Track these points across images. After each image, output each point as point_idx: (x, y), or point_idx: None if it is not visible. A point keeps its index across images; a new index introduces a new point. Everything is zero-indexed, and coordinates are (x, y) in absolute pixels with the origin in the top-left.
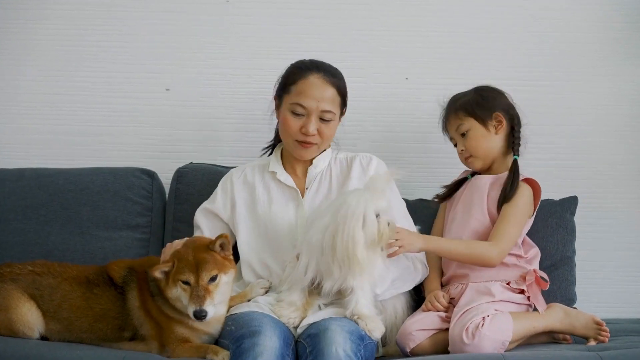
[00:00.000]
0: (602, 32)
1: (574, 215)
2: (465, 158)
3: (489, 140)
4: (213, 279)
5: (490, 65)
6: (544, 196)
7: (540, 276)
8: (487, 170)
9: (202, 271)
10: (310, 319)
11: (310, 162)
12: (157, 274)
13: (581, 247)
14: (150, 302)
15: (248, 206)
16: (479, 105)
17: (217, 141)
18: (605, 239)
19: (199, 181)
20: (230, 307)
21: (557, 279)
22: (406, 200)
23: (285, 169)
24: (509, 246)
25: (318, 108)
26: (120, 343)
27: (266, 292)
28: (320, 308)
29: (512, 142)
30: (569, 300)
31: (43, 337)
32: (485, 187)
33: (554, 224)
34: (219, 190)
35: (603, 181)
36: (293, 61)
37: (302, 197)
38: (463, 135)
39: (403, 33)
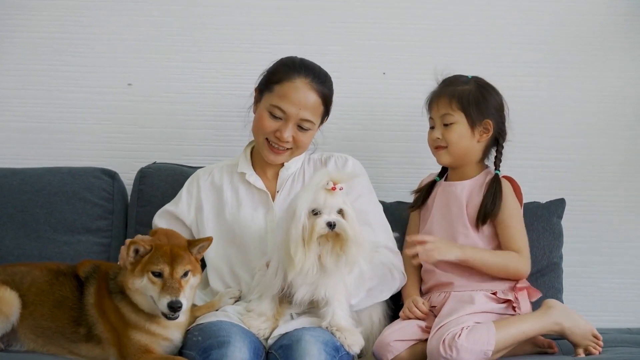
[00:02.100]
0: (593, 27)
1: (561, 218)
2: (436, 147)
3: (468, 143)
4: (185, 274)
5: (473, 60)
6: (529, 198)
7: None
8: (455, 172)
9: (178, 265)
10: (282, 328)
11: (282, 163)
12: (133, 248)
13: (568, 252)
14: (106, 301)
15: (216, 210)
16: (477, 104)
17: (182, 140)
18: (593, 244)
19: (163, 182)
20: (197, 316)
21: (544, 286)
22: (383, 203)
23: (255, 170)
24: (529, 249)
25: (298, 115)
26: (77, 344)
27: (236, 302)
28: (292, 317)
29: (495, 157)
30: None
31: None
32: (463, 196)
33: (540, 228)
34: (183, 192)
35: (592, 183)
36: (262, 54)
37: (273, 200)
38: (446, 125)
39: (380, 25)
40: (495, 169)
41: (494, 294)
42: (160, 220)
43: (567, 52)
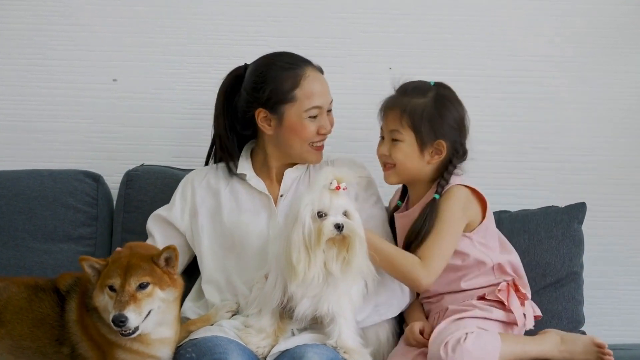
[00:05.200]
0: (617, 19)
1: (582, 224)
2: (384, 164)
3: (417, 163)
4: (143, 286)
5: (485, 54)
6: (547, 202)
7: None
8: (411, 190)
9: (131, 276)
10: (282, 345)
11: (289, 164)
12: (86, 266)
13: (590, 261)
14: (87, 319)
15: (212, 215)
16: (430, 124)
17: (172, 140)
18: (617, 252)
19: (152, 186)
20: (191, 331)
21: (563, 297)
22: (387, 209)
23: (256, 172)
24: (440, 265)
25: (327, 101)
26: None
27: (233, 316)
28: (293, 334)
29: (442, 177)
30: (576, 322)
31: None
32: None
33: (559, 235)
34: (177, 195)
35: (615, 186)
36: (258, 47)
37: (276, 205)
38: (394, 140)
39: (386, 15)
40: (436, 192)
41: (482, 297)
42: (154, 226)
43: (589, 46)
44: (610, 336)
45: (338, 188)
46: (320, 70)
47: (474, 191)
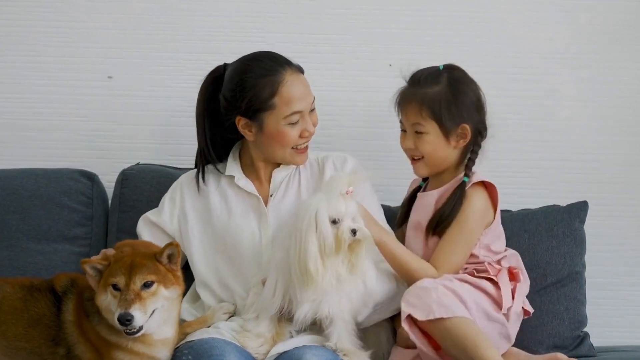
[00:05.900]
0: (622, 13)
1: (584, 223)
2: (412, 158)
3: (444, 151)
4: (148, 285)
5: (487, 51)
6: (548, 201)
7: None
8: (434, 178)
9: (135, 274)
10: (280, 347)
11: (277, 164)
12: (88, 267)
13: (592, 261)
14: (85, 321)
15: (203, 218)
16: (449, 110)
17: (168, 138)
18: (620, 252)
19: (148, 185)
20: (187, 333)
21: (565, 298)
22: (389, 208)
23: (245, 173)
24: (454, 270)
25: (309, 105)
26: None
27: (230, 317)
28: (291, 335)
29: (469, 158)
30: (578, 322)
31: None
32: (431, 206)
33: (561, 234)
34: (166, 200)
35: (618, 184)
36: (255, 44)
37: (266, 205)
38: (418, 133)
39: (387, 11)
40: (465, 175)
41: (471, 274)
42: (143, 229)
43: (592, 43)
44: (613, 337)
45: (348, 192)
46: (300, 70)
47: (490, 189)
